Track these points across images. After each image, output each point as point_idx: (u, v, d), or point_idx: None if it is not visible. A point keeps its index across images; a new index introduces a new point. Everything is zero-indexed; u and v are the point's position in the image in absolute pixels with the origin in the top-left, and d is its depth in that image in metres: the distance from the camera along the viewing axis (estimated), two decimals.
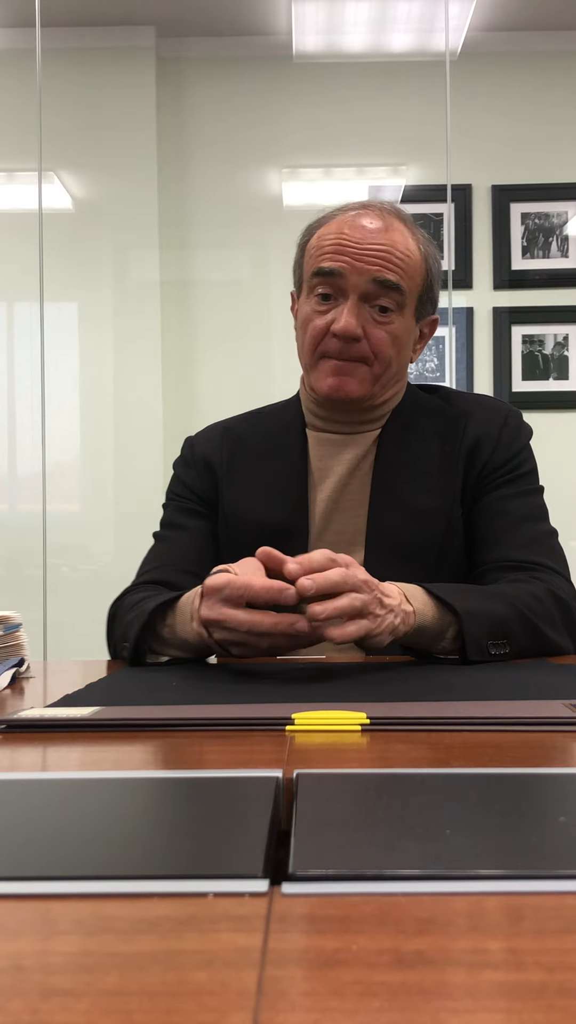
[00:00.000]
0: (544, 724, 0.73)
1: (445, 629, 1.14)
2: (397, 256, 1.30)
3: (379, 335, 1.31)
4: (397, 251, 1.31)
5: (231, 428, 1.48)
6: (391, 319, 1.31)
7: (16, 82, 3.21)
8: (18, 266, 3.21)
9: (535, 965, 0.32)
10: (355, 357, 1.32)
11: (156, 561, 1.40)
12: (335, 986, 0.31)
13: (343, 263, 1.30)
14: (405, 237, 1.33)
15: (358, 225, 1.32)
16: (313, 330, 1.34)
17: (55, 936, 0.36)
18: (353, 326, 1.29)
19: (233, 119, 3.36)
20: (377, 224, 1.32)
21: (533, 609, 1.19)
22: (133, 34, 3.29)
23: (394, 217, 1.35)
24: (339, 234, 1.31)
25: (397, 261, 1.30)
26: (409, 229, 1.35)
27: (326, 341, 1.33)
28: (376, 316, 1.31)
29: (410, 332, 1.37)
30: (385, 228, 1.32)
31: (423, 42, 3.30)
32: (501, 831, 0.47)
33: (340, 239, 1.31)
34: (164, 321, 3.31)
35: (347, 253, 1.30)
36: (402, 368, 1.38)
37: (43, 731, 0.76)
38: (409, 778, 0.58)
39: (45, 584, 3.10)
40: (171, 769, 0.65)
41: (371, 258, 1.29)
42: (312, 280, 1.34)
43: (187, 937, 0.35)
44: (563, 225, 3.34)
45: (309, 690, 0.95)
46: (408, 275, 1.32)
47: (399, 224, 1.34)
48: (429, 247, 1.37)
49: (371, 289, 1.30)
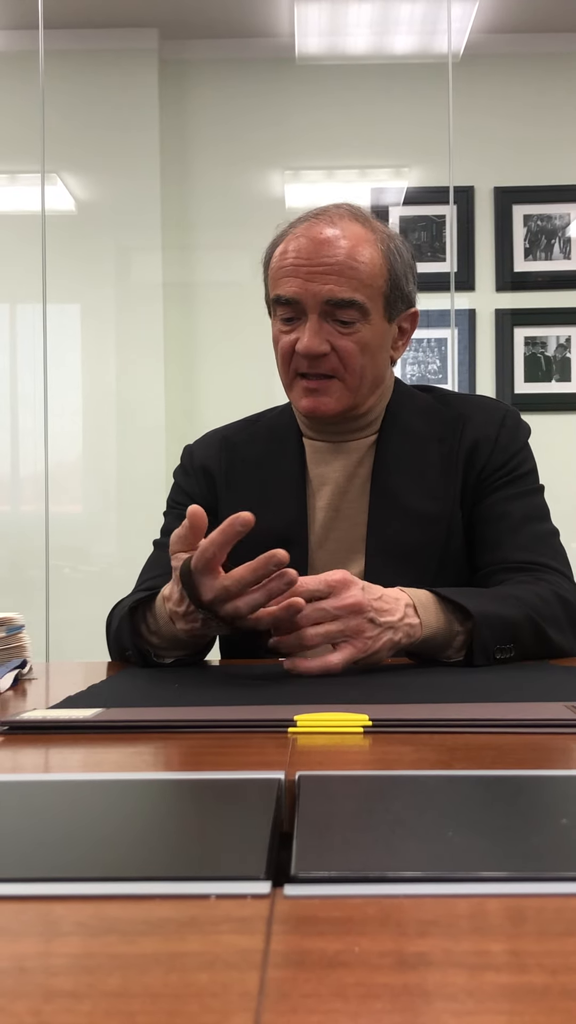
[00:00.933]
0: (546, 726, 0.73)
1: (453, 638, 1.14)
2: (350, 268, 1.27)
3: (346, 346, 1.29)
4: (349, 262, 1.27)
5: (229, 436, 1.48)
6: (356, 329, 1.29)
7: (19, 84, 3.22)
8: (21, 267, 3.22)
9: (537, 967, 0.32)
10: (326, 372, 1.31)
11: (155, 570, 1.39)
12: (337, 988, 0.31)
13: (296, 288, 1.28)
14: (359, 241, 1.29)
15: (309, 239, 1.29)
16: (282, 351, 1.34)
17: (58, 937, 0.36)
18: (316, 344, 1.28)
19: (236, 121, 3.36)
20: (328, 234, 1.28)
21: (540, 611, 1.19)
22: (136, 36, 3.29)
23: (348, 220, 1.31)
24: (293, 255, 1.29)
25: (350, 273, 1.27)
26: (366, 229, 1.31)
27: (296, 360, 1.32)
28: (340, 329, 1.29)
29: (382, 335, 1.34)
30: (337, 237, 1.28)
31: (425, 44, 3.30)
32: (503, 833, 0.47)
33: (293, 261, 1.29)
34: (166, 322, 3.31)
35: (300, 275, 1.28)
36: (380, 373, 1.36)
37: (45, 733, 0.76)
38: (411, 780, 0.58)
39: (47, 585, 3.10)
40: (173, 771, 0.65)
41: (323, 276, 1.27)
42: (274, 305, 1.34)
43: (189, 939, 0.35)
44: (565, 227, 3.34)
45: (311, 692, 0.95)
46: (365, 283, 1.28)
47: (353, 227, 1.30)
48: (391, 243, 1.33)
49: (328, 308, 1.28)
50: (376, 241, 1.31)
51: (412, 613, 1.10)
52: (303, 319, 1.30)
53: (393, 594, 1.10)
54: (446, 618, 1.14)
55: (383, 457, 1.37)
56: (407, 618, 1.09)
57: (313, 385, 1.32)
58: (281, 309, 1.32)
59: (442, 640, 1.14)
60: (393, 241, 1.34)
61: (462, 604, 1.12)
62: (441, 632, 1.13)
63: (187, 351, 3.34)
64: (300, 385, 1.33)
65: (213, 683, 1.06)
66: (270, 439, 1.44)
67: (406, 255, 1.35)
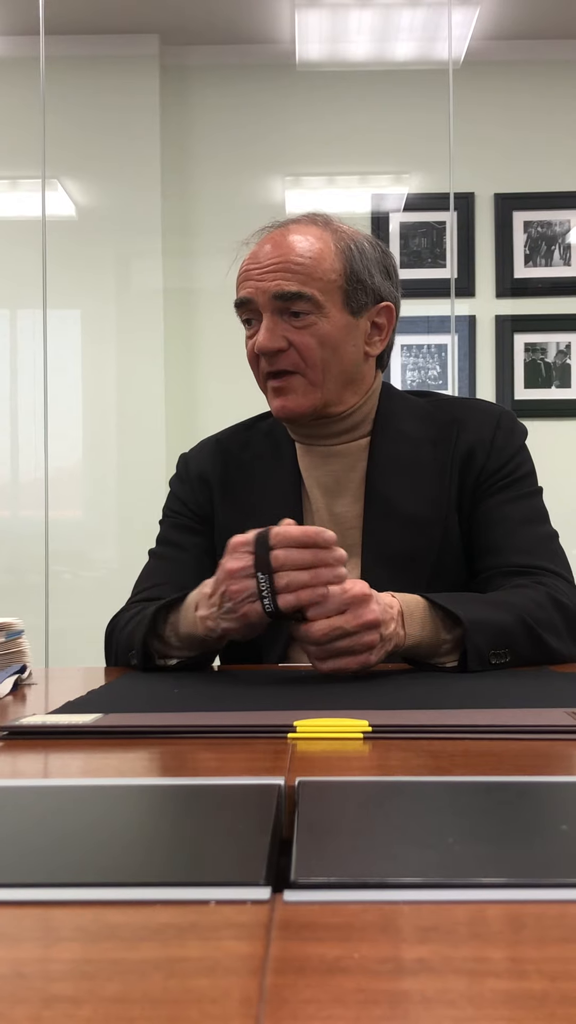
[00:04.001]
0: (546, 732, 0.73)
1: (439, 645, 1.14)
2: (294, 263, 1.29)
3: (303, 340, 1.30)
4: (293, 258, 1.29)
5: (223, 443, 1.48)
6: (310, 322, 1.30)
7: (20, 90, 3.22)
8: (21, 273, 3.22)
9: (537, 974, 0.32)
10: (286, 368, 1.31)
11: (152, 579, 1.39)
12: (337, 994, 0.31)
13: (249, 290, 1.31)
14: (305, 238, 1.31)
15: (258, 246, 1.33)
16: (249, 355, 1.36)
17: (57, 943, 0.36)
18: (267, 340, 1.29)
19: (236, 127, 3.37)
20: (276, 237, 1.32)
21: (536, 617, 1.18)
22: (137, 42, 3.30)
23: (303, 224, 1.34)
24: (247, 263, 1.33)
25: (296, 267, 1.29)
26: (320, 228, 1.33)
27: (260, 363, 1.34)
28: (294, 323, 1.30)
29: (345, 329, 1.33)
30: (283, 237, 1.31)
31: (426, 51, 3.31)
32: (503, 839, 0.47)
33: (246, 267, 1.33)
34: (167, 329, 3.31)
35: (252, 278, 1.31)
36: (349, 368, 1.35)
37: (45, 738, 0.76)
38: (411, 786, 0.58)
39: (47, 591, 3.09)
40: (173, 776, 0.65)
41: (271, 273, 1.29)
42: (237, 313, 1.36)
43: (189, 944, 0.35)
44: (566, 233, 3.34)
45: (311, 697, 0.95)
46: (314, 276, 1.29)
47: (308, 228, 1.33)
48: (350, 240, 1.34)
49: (278, 304, 1.29)
50: (330, 239, 1.32)
51: (400, 623, 1.10)
52: (260, 320, 1.31)
53: (386, 600, 1.10)
54: (432, 626, 1.13)
55: (376, 460, 1.37)
56: (397, 628, 1.10)
57: (277, 384, 1.33)
58: (241, 313, 1.35)
59: (427, 647, 1.14)
60: (354, 239, 1.35)
61: (452, 611, 1.12)
62: (425, 640, 1.13)
63: (187, 357, 3.34)
64: (269, 387, 1.35)
65: (213, 688, 1.06)
66: (264, 444, 1.44)
67: (370, 252, 1.35)
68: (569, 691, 0.97)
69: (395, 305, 1.39)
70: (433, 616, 1.14)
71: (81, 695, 0.97)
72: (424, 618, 1.13)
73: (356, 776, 0.61)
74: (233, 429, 1.51)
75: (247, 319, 1.34)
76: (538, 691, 0.99)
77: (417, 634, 1.12)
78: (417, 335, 3.24)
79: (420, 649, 1.13)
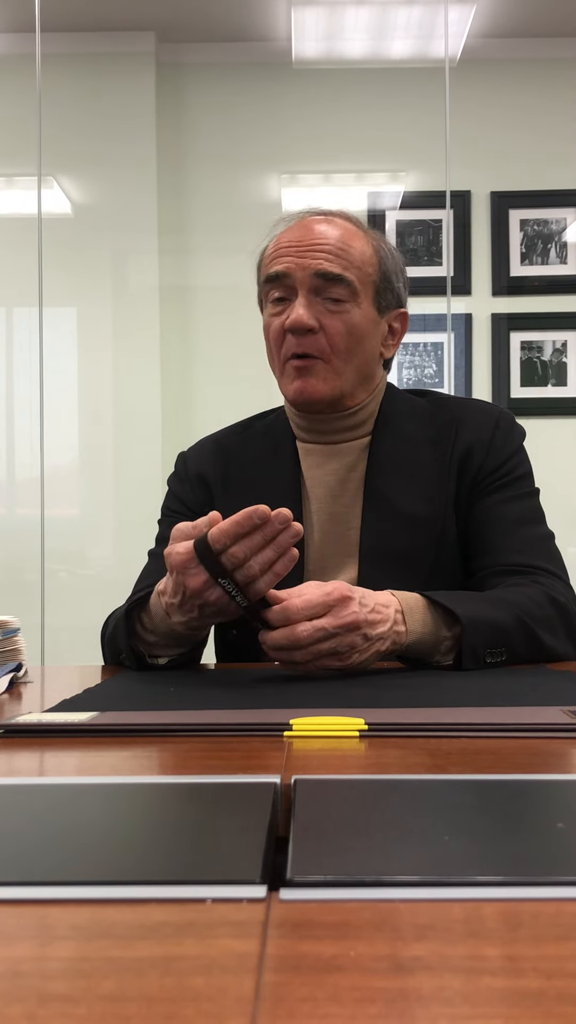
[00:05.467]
0: (542, 730, 0.73)
1: (440, 642, 1.14)
2: (340, 248, 1.32)
3: (334, 325, 1.31)
4: (340, 244, 1.32)
5: (223, 442, 1.48)
6: (346, 308, 1.32)
7: (16, 87, 3.22)
8: (17, 271, 3.21)
9: (533, 972, 0.32)
10: (313, 351, 1.32)
11: (150, 579, 1.39)
12: (333, 992, 0.31)
13: (288, 264, 1.32)
14: (347, 231, 1.34)
15: (301, 226, 1.35)
16: (273, 333, 1.36)
17: (53, 941, 0.36)
18: (304, 316, 1.30)
19: (232, 124, 3.36)
20: (320, 223, 1.34)
21: (533, 615, 1.18)
22: (133, 39, 3.29)
23: (337, 216, 1.37)
24: (286, 241, 1.34)
25: (340, 252, 1.31)
26: (355, 225, 1.37)
27: (287, 343, 1.34)
28: (330, 307, 1.32)
29: (372, 324, 1.36)
30: (326, 223, 1.34)
31: (422, 49, 3.31)
32: (499, 837, 0.47)
33: (286, 243, 1.34)
34: (163, 326, 3.31)
35: (291, 254, 1.32)
36: (368, 362, 1.37)
37: (41, 736, 0.76)
38: (407, 784, 0.58)
39: (43, 589, 3.09)
40: (169, 774, 0.65)
41: (313, 252, 1.31)
42: (265, 289, 1.36)
43: (185, 943, 0.35)
44: (562, 232, 3.34)
45: (307, 696, 0.95)
46: (354, 265, 1.32)
47: (342, 221, 1.36)
48: (381, 242, 1.39)
49: (317, 283, 1.31)
50: (366, 237, 1.37)
51: (400, 620, 1.10)
52: (293, 299, 1.32)
53: (383, 600, 1.10)
54: (434, 623, 1.14)
55: (376, 460, 1.37)
56: (395, 625, 1.09)
57: (301, 363, 1.33)
58: (273, 290, 1.35)
59: (429, 644, 1.14)
60: (383, 242, 1.39)
61: (451, 609, 1.12)
62: (427, 637, 1.13)
63: (183, 355, 3.34)
64: (290, 368, 1.34)
65: (209, 687, 1.06)
66: (264, 443, 1.44)
67: (397, 257, 1.40)
68: (565, 689, 0.97)
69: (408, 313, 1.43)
70: (433, 613, 1.14)
71: (77, 693, 0.97)
72: (425, 615, 1.13)
73: (352, 774, 0.61)
74: (231, 429, 1.51)
75: (278, 296, 1.34)
76: (534, 689, 0.99)
77: (419, 630, 1.12)
78: (413, 333, 3.23)
79: (422, 646, 1.13)
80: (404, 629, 1.10)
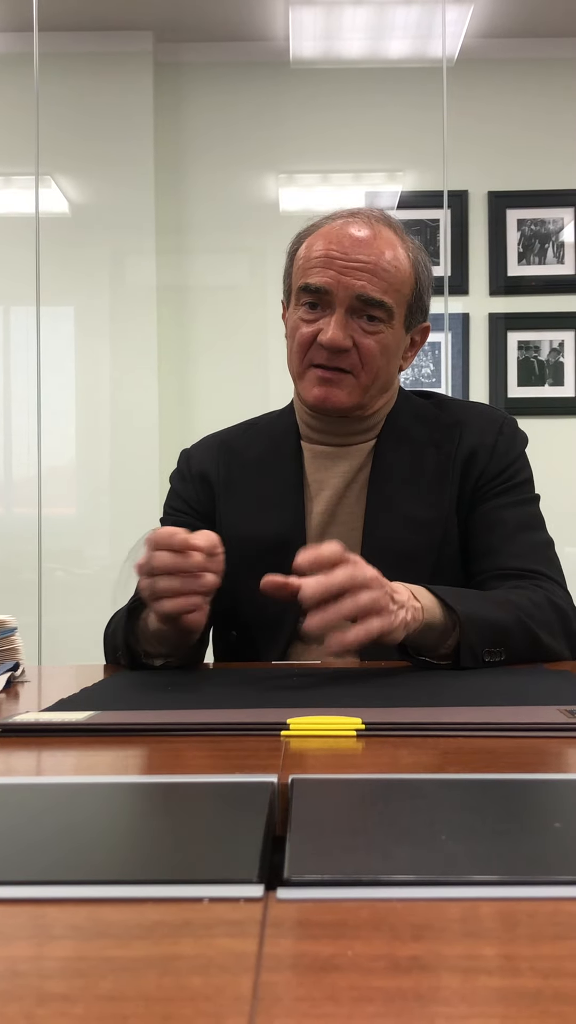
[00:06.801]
0: (539, 730, 0.73)
1: (451, 629, 1.13)
2: (383, 270, 1.29)
3: (368, 345, 1.31)
4: (383, 264, 1.30)
5: (227, 441, 1.47)
6: (380, 329, 1.31)
7: (13, 86, 3.21)
8: (15, 270, 3.21)
9: (530, 971, 0.32)
10: (343, 367, 1.32)
11: None
12: (330, 991, 0.31)
13: (328, 280, 1.29)
14: (393, 247, 1.32)
15: (345, 235, 1.31)
16: (301, 339, 1.34)
17: (51, 941, 0.36)
18: (340, 338, 1.29)
19: (230, 124, 3.36)
20: (364, 234, 1.31)
21: (532, 616, 1.18)
22: (131, 39, 3.29)
23: (383, 225, 1.34)
24: (326, 247, 1.31)
25: (383, 275, 1.29)
26: (399, 237, 1.34)
27: (314, 350, 1.33)
28: (365, 326, 1.31)
29: (400, 342, 1.36)
30: (373, 238, 1.31)
31: (420, 48, 3.31)
32: (496, 837, 0.47)
33: (327, 252, 1.30)
34: (160, 326, 3.31)
35: (333, 267, 1.30)
36: (391, 377, 1.38)
37: (38, 735, 0.76)
38: (404, 784, 0.58)
39: (40, 588, 3.09)
40: (166, 774, 0.65)
41: (357, 272, 1.29)
42: (300, 293, 1.34)
43: (183, 942, 0.35)
44: (559, 231, 3.34)
45: (305, 695, 0.95)
46: (395, 288, 1.31)
47: (388, 232, 1.33)
48: (419, 254, 1.37)
49: (355, 304, 1.30)
50: (407, 249, 1.35)
51: (412, 596, 1.09)
52: (328, 311, 1.31)
53: (394, 582, 1.09)
54: (442, 609, 1.13)
55: (380, 463, 1.37)
56: (411, 600, 1.08)
57: (328, 375, 1.33)
58: (307, 297, 1.33)
59: (440, 629, 1.12)
60: (421, 253, 1.38)
61: (450, 605, 1.12)
62: (439, 620, 1.12)
63: (181, 354, 3.34)
64: (313, 374, 1.34)
65: (206, 686, 1.06)
66: (268, 443, 1.44)
67: (430, 269, 1.39)
68: (562, 689, 0.97)
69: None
70: (438, 601, 1.13)
71: (74, 693, 0.97)
72: (431, 599, 1.12)
73: (349, 774, 0.61)
74: (237, 428, 1.51)
75: (312, 305, 1.33)
76: (531, 689, 0.99)
77: (430, 607, 1.11)
78: None
79: (433, 628, 1.12)
80: (419, 605, 1.09)
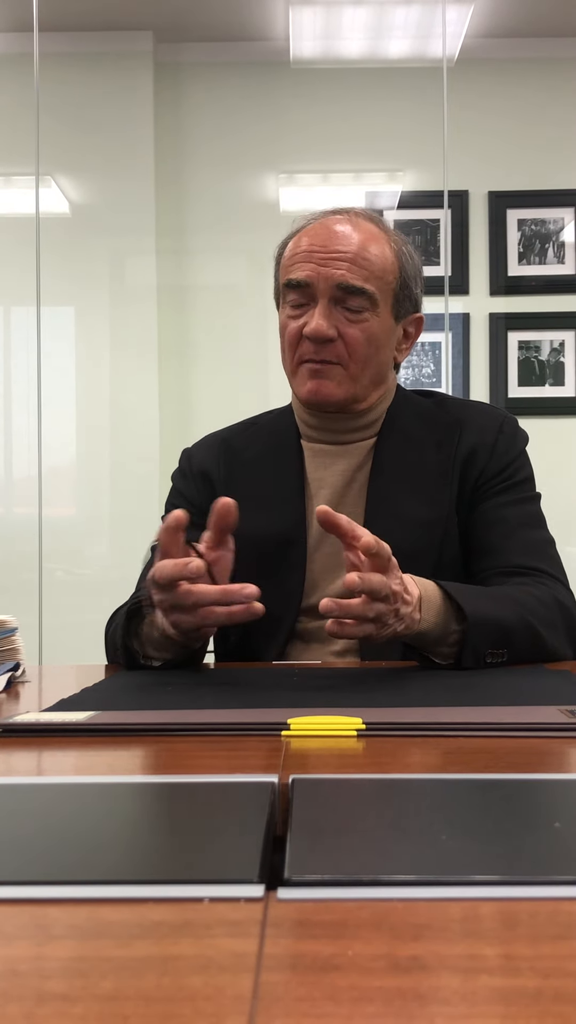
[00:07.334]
0: (539, 730, 0.73)
1: (448, 636, 1.14)
2: (363, 258, 1.31)
3: (353, 334, 1.32)
4: (364, 253, 1.31)
5: (228, 440, 1.47)
6: (365, 318, 1.32)
7: (14, 86, 3.21)
8: (15, 270, 3.21)
9: (530, 971, 0.32)
10: (330, 358, 1.33)
11: None
12: (330, 991, 0.31)
13: (309, 272, 1.31)
14: (374, 237, 1.33)
15: (325, 230, 1.33)
16: (289, 335, 1.35)
17: (51, 941, 0.36)
18: (323, 327, 1.30)
19: (230, 124, 3.36)
20: (344, 227, 1.33)
21: (537, 614, 1.18)
22: (131, 39, 3.29)
23: (363, 219, 1.36)
24: (308, 243, 1.33)
25: (363, 263, 1.31)
26: (380, 229, 1.36)
27: (302, 345, 1.34)
28: (349, 316, 1.31)
29: (389, 331, 1.37)
30: (352, 230, 1.33)
31: (420, 48, 3.30)
32: (496, 837, 0.47)
33: (308, 248, 1.32)
34: (160, 325, 3.31)
35: (313, 260, 1.31)
36: (383, 368, 1.38)
37: (38, 735, 0.76)
38: (405, 784, 0.58)
39: (40, 588, 3.09)
40: (166, 774, 0.65)
41: (336, 262, 1.30)
42: (285, 291, 1.36)
43: (183, 942, 0.35)
44: (559, 231, 3.34)
45: (305, 695, 0.95)
46: (376, 275, 1.32)
47: (368, 225, 1.35)
48: (404, 247, 1.38)
49: (338, 294, 1.31)
50: (388, 241, 1.36)
51: (418, 608, 1.10)
52: (312, 305, 1.32)
53: (410, 584, 1.09)
54: (446, 616, 1.13)
55: (380, 461, 1.37)
56: (414, 612, 1.09)
57: (316, 367, 1.33)
58: (292, 294, 1.34)
59: (437, 636, 1.13)
60: (405, 245, 1.39)
61: (460, 605, 1.12)
62: (437, 629, 1.12)
63: (181, 354, 3.34)
64: (304, 370, 1.35)
65: (206, 686, 1.06)
66: (269, 441, 1.44)
67: (417, 261, 1.40)
68: (563, 689, 0.97)
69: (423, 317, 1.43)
70: (447, 605, 1.13)
71: (75, 693, 0.97)
72: (439, 606, 1.13)
73: (350, 774, 0.61)
74: (237, 426, 1.51)
75: (295, 300, 1.34)
76: (532, 689, 0.99)
77: (432, 620, 1.11)
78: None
79: (429, 637, 1.12)
80: (419, 617, 1.10)
